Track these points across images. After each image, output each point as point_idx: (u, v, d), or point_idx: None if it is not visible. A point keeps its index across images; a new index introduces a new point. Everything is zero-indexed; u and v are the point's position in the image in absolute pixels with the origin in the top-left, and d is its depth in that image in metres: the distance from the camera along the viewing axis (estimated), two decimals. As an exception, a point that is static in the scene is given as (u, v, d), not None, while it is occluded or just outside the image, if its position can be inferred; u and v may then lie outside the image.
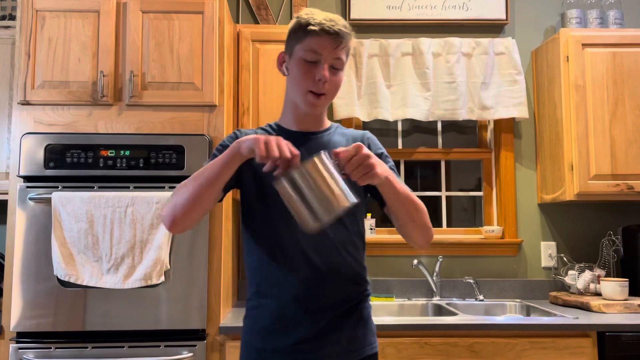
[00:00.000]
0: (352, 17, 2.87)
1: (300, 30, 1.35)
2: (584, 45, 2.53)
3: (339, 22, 1.34)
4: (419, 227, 1.36)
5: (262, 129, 1.50)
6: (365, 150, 1.17)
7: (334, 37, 1.32)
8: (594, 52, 2.53)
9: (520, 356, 2.08)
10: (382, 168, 1.21)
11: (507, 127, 2.88)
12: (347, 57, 1.39)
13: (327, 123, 1.50)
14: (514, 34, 2.92)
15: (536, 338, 2.10)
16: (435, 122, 2.99)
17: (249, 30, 2.53)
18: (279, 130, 1.46)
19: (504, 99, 2.78)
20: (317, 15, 1.34)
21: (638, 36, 2.55)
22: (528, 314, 2.56)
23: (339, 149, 1.18)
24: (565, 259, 2.77)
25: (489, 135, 2.99)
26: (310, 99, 1.36)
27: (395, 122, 2.97)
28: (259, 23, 2.87)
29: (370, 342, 1.40)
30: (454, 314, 2.36)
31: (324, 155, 1.15)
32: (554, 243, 2.82)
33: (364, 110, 2.76)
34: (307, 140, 1.42)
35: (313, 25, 1.32)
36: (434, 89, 2.76)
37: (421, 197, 1.38)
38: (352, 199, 1.16)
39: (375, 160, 1.18)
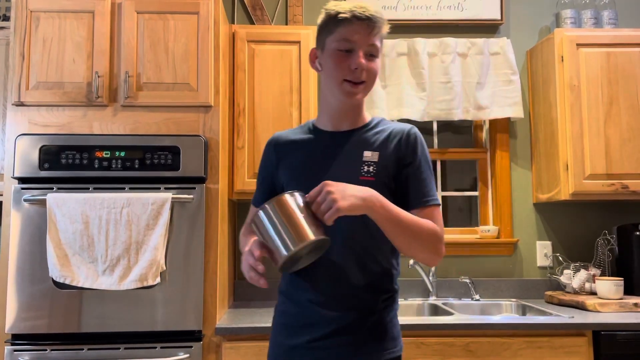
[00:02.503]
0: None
1: (331, 22, 1.32)
2: (579, 45, 2.54)
3: (370, 8, 1.30)
4: (420, 247, 1.29)
5: (300, 127, 1.49)
6: (329, 186, 1.15)
7: (367, 23, 1.28)
8: (588, 52, 2.54)
9: (516, 355, 2.09)
10: (352, 200, 1.15)
11: (503, 127, 2.89)
12: (381, 43, 1.34)
13: (367, 117, 1.43)
14: (509, 34, 2.93)
15: (532, 337, 2.10)
16: (430, 122, 2.99)
17: (244, 30, 2.53)
18: (314, 131, 1.44)
19: (499, 99, 2.78)
20: (345, 4, 1.31)
21: (632, 36, 2.56)
22: (524, 314, 2.56)
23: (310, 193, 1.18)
24: (560, 258, 2.78)
25: (484, 135, 2.99)
26: (347, 87, 1.31)
27: (391, 122, 2.97)
28: (254, 23, 2.86)
29: (386, 347, 1.35)
30: (450, 313, 2.37)
31: (288, 195, 1.17)
32: (549, 242, 2.83)
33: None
34: (343, 140, 1.38)
35: (343, 13, 1.29)
36: (430, 89, 2.76)
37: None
38: (312, 236, 1.13)
39: (338, 194, 1.14)
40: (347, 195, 1.16)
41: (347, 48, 1.29)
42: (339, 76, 1.31)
